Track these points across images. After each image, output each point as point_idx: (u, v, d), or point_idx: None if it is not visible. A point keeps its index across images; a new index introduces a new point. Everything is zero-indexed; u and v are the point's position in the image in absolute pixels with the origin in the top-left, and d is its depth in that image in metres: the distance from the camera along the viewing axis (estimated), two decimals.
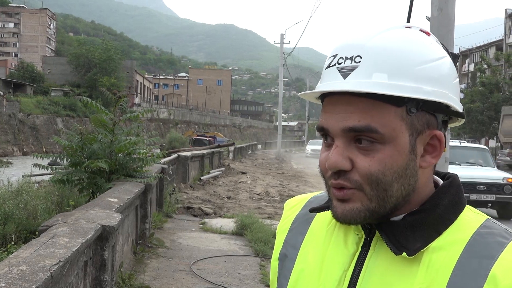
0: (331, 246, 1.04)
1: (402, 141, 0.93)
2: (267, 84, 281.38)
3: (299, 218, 1.15)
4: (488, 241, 0.91)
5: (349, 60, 0.94)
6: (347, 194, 0.94)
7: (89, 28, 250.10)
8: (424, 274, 0.91)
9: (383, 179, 0.92)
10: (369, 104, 0.92)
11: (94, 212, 4.83)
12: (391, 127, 0.92)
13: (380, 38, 0.94)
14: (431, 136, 0.97)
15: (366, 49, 0.93)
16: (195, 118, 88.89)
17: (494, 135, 45.20)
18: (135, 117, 8.23)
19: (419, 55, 0.94)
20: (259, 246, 8.61)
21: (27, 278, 2.67)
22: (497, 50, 57.96)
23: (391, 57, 0.93)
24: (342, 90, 0.92)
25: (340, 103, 0.95)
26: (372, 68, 0.92)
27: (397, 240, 0.94)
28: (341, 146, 0.94)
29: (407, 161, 0.94)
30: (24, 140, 49.06)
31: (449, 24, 4.86)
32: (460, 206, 0.98)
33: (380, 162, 0.92)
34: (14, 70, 74.76)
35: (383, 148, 0.93)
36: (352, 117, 0.92)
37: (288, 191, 18.31)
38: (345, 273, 0.99)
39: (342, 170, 0.94)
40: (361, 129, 0.92)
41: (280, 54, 43.82)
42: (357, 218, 0.94)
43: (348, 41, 0.97)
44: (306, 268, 1.06)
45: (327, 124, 0.96)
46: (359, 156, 0.93)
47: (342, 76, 0.94)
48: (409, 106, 0.93)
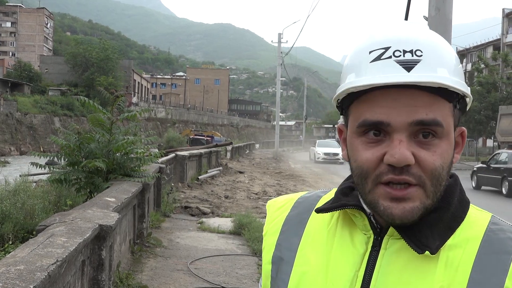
0: (336, 246, 1.03)
1: (452, 135, 0.97)
2: (265, 83, 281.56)
3: (291, 220, 1.13)
4: (500, 237, 0.95)
5: (409, 54, 0.93)
6: (409, 192, 0.92)
7: (86, 27, 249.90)
8: (443, 271, 0.93)
9: (442, 173, 0.94)
10: (432, 98, 0.93)
11: (92, 212, 4.83)
12: (448, 121, 0.95)
13: (430, 35, 0.97)
14: (459, 132, 1.01)
15: (423, 44, 0.94)
16: (193, 117, 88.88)
17: (491, 135, 45.27)
18: (133, 117, 8.22)
19: (455, 56, 0.99)
20: (256, 246, 8.61)
21: (24, 278, 2.67)
22: (495, 49, 58.05)
23: (446, 54, 0.95)
24: (416, 81, 0.90)
25: (402, 96, 0.93)
26: (435, 63, 0.93)
27: (418, 239, 0.94)
28: (405, 140, 0.92)
29: (452, 156, 0.97)
30: (21, 139, 48.98)
31: (447, 23, 4.86)
32: (466, 204, 1.01)
33: (441, 157, 0.94)
34: (11, 70, 74.59)
35: (441, 142, 0.94)
36: (419, 110, 0.92)
37: (285, 190, 18.31)
38: (356, 274, 0.98)
39: (406, 165, 0.92)
40: (429, 123, 0.92)
41: (277, 54, 43.81)
42: (415, 216, 0.93)
43: (403, 35, 0.95)
44: (309, 270, 1.04)
45: (388, 118, 0.93)
46: (421, 150, 0.93)
47: (405, 69, 0.92)
48: (455, 102, 0.96)
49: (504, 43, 61.42)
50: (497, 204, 16.61)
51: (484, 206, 6.68)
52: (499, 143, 38.75)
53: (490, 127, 44.83)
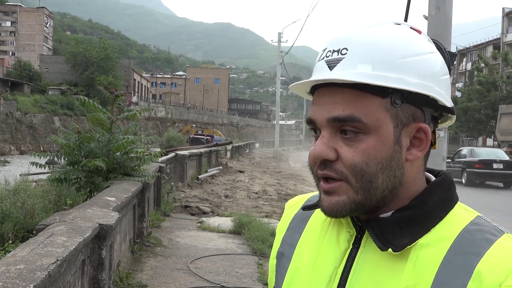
0: (325, 243, 1.05)
1: (386, 131, 0.94)
2: (265, 82, 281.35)
3: (297, 217, 1.16)
4: (475, 237, 0.91)
5: (336, 53, 0.96)
6: (334, 186, 0.95)
7: (86, 26, 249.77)
8: (412, 270, 0.91)
9: (367, 170, 0.93)
10: (353, 95, 0.93)
11: (92, 211, 4.83)
12: (375, 117, 0.93)
13: (367, 32, 0.96)
14: (416, 128, 0.97)
15: (352, 42, 0.95)
16: (193, 116, 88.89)
17: (491, 134, 45.27)
18: (133, 116, 8.22)
19: (403, 48, 0.95)
20: (256, 245, 8.62)
21: (24, 277, 2.67)
22: (495, 48, 58.03)
23: (375, 49, 0.94)
24: (324, 79, 0.94)
25: (326, 94, 0.96)
26: (356, 60, 0.94)
27: (384, 236, 0.94)
28: (326, 136, 0.95)
29: (392, 153, 0.94)
30: (21, 139, 48.98)
31: (447, 22, 4.87)
32: (450, 203, 0.98)
33: (363, 153, 0.93)
34: (11, 69, 74.60)
35: (366, 138, 0.93)
36: (337, 107, 0.94)
37: (285, 189, 18.31)
38: (336, 270, 0.99)
39: (328, 160, 0.95)
40: (345, 119, 0.93)
41: (277, 53, 43.83)
42: (343, 210, 0.95)
43: (337, 36, 0.99)
44: (300, 266, 1.06)
45: (314, 115, 0.97)
46: (343, 147, 0.94)
47: (328, 68, 0.96)
48: (393, 97, 0.94)
49: (504, 42, 61.41)
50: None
51: None
52: (499, 142, 38.77)
53: (490, 126, 44.83)
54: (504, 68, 50.10)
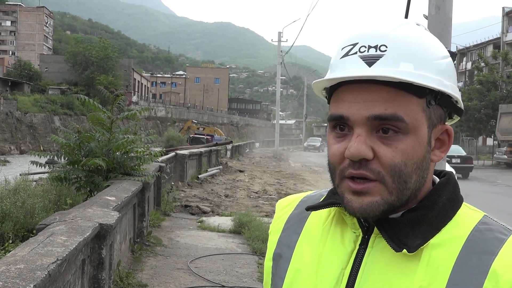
0: (328, 244, 1.03)
1: (422, 132, 0.94)
2: (265, 82, 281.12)
3: (293, 218, 1.14)
4: (487, 237, 0.91)
5: (373, 49, 0.93)
6: (368, 187, 0.93)
7: (86, 26, 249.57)
8: (424, 271, 0.91)
9: (405, 170, 0.92)
10: (394, 93, 0.92)
11: (92, 211, 4.83)
12: (414, 117, 0.93)
13: (402, 30, 0.95)
14: (443, 130, 0.99)
15: (390, 39, 0.93)
16: (193, 116, 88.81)
17: (491, 133, 45.25)
18: (133, 116, 8.22)
19: (436, 50, 0.96)
20: (256, 244, 8.62)
21: (24, 277, 2.67)
22: (495, 48, 58.03)
23: (415, 48, 0.94)
24: (369, 75, 0.91)
25: (362, 91, 0.93)
26: (398, 58, 0.92)
27: (397, 237, 0.94)
28: (363, 134, 0.92)
29: (425, 153, 0.95)
30: (21, 138, 48.97)
31: (447, 22, 4.86)
32: (457, 203, 0.98)
33: (403, 153, 0.92)
34: (11, 69, 74.59)
35: (405, 138, 0.92)
36: (377, 105, 0.91)
37: (285, 189, 18.31)
38: (343, 271, 0.98)
39: (364, 159, 0.92)
40: (387, 117, 0.91)
41: (277, 53, 43.79)
42: (376, 211, 0.93)
43: (370, 31, 0.96)
44: (302, 267, 1.05)
45: (348, 112, 0.94)
46: (381, 146, 0.92)
47: (366, 64, 0.93)
48: (429, 98, 0.94)
49: (504, 41, 61.39)
50: None
51: None
52: (499, 141, 38.78)
53: (490, 125, 44.81)
54: (504, 67, 50.07)
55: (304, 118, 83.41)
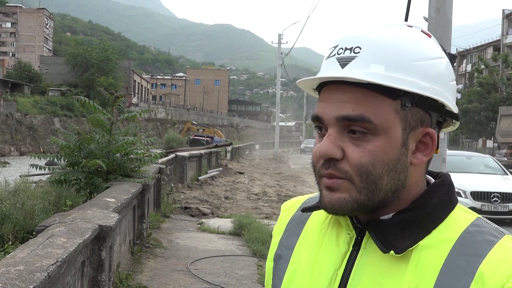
0: (324, 246, 1.04)
1: (394, 134, 0.93)
2: (265, 84, 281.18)
3: (295, 219, 1.15)
4: (477, 239, 0.91)
5: (348, 51, 0.95)
6: (336, 183, 0.94)
7: (86, 28, 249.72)
8: (413, 272, 0.91)
9: (373, 171, 0.92)
10: (364, 94, 0.92)
11: (92, 212, 4.83)
12: (385, 118, 0.92)
13: (381, 32, 0.95)
14: (424, 133, 0.97)
15: (366, 41, 0.94)
16: (193, 118, 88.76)
17: (491, 136, 45.28)
18: (133, 117, 8.22)
19: (416, 52, 0.95)
20: (256, 246, 8.61)
21: (24, 278, 2.66)
22: (495, 50, 58.05)
23: (389, 50, 0.93)
24: (337, 77, 0.93)
25: (336, 92, 0.95)
26: (370, 59, 0.93)
27: (386, 238, 0.94)
28: (333, 134, 0.94)
29: (398, 155, 0.94)
30: (21, 140, 48.98)
31: (447, 24, 4.87)
32: (450, 205, 0.98)
33: (371, 154, 0.92)
34: (11, 70, 74.62)
35: (375, 139, 0.92)
36: (347, 106, 0.93)
37: (285, 191, 18.31)
38: (336, 272, 0.99)
39: (333, 159, 0.94)
40: (355, 118, 0.92)
41: (277, 54, 43.81)
42: (345, 208, 0.94)
43: (349, 33, 0.97)
44: (299, 268, 1.06)
45: (322, 112, 0.96)
46: (350, 146, 0.93)
47: (340, 66, 0.95)
48: (404, 100, 0.93)
49: (504, 44, 61.42)
50: None
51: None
52: (499, 144, 38.77)
53: (490, 128, 44.86)
54: (504, 69, 50.14)
55: (304, 120, 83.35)
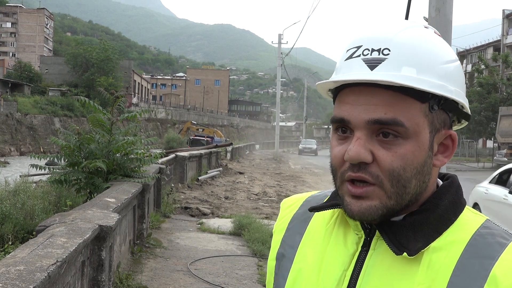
0: (331, 245, 1.04)
1: (423, 137, 0.94)
2: (265, 84, 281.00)
3: (297, 218, 1.15)
4: (488, 241, 0.91)
5: (376, 52, 0.93)
6: (367, 191, 0.93)
7: (86, 28, 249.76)
8: (425, 274, 0.91)
9: (404, 175, 0.92)
10: (395, 97, 0.92)
11: (92, 212, 4.83)
12: (415, 122, 0.92)
13: (407, 34, 0.95)
14: (446, 135, 0.98)
15: (394, 43, 0.93)
16: (193, 118, 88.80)
17: (491, 136, 45.26)
18: (133, 117, 8.22)
19: (442, 54, 0.96)
20: (256, 246, 8.61)
21: (24, 278, 2.66)
22: (495, 50, 58.02)
23: (419, 52, 0.93)
24: (370, 80, 0.91)
25: (364, 94, 0.93)
26: (401, 62, 0.92)
27: (398, 240, 0.94)
28: (363, 138, 0.93)
29: (426, 158, 0.94)
30: (21, 140, 48.99)
31: (447, 24, 4.86)
32: (460, 207, 0.98)
33: (402, 158, 0.92)
34: (11, 70, 74.69)
35: (405, 143, 0.92)
36: (378, 109, 0.91)
37: (285, 191, 18.31)
38: (344, 273, 0.98)
39: (363, 163, 0.92)
40: (387, 122, 0.91)
41: (278, 54, 43.83)
42: (375, 215, 0.93)
43: (374, 34, 0.96)
44: (304, 267, 1.05)
45: (349, 115, 0.94)
46: (381, 150, 0.92)
47: (369, 68, 0.93)
48: (431, 103, 0.94)
49: (504, 44, 61.39)
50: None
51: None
52: (499, 144, 38.78)
53: (490, 128, 44.82)
54: (504, 70, 50.11)
55: (304, 120, 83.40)
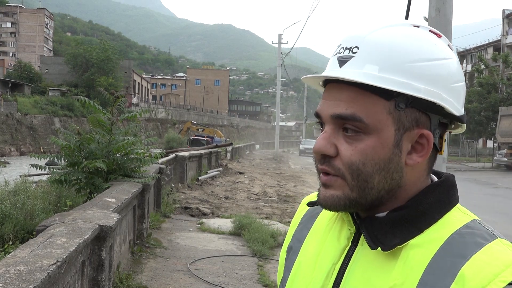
0: (327, 240, 1.06)
1: (386, 134, 0.94)
2: (265, 84, 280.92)
3: (308, 213, 1.19)
4: (466, 240, 0.90)
5: (347, 50, 0.97)
6: (330, 180, 0.97)
7: (86, 28, 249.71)
8: (401, 270, 0.92)
9: (363, 169, 0.94)
10: (358, 94, 0.94)
11: (92, 212, 4.83)
12: (377, 118, 0.93)
13: (381, 33, 0.96)
14: (419, 134, 0.96)
15: (364, 41, 0.95)
16: (193, 118, 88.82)
17: (491, 136, 45.27)
18: (133, 117, 8.22)
19: (415, 52, 0.94)
20: (256, 246, 8.61)
21: (24, 278, 2.67)
22: (495, 50, 58.02)
23: (385, 51, 0.94)
24: (331, 76, 0.95)
25: (334, 90, 0.97)
26: (365, 60, 0.94)
27: (375, 235, 0.96)
28: (328, 132, 0.97)
29: (390, 155, 0.95)
30: (21, 140, 48.98)
31: (447, 24, 4.86)
32: (447, 206, 0.97)
33: (361, 152, 0.94)
34: (11, 70, 74.67)
35: (366, 138, 0.94)
36: (341, 104, 0.95)
37: (285, 191, 18.31)
38: (334, 266, 1.01)
39: (328, 156, 0.96)
40: (347, 117, 0.94)
41: (278, 54, 43.83)
42: (337, 205, 0.97)
43: (352, 33, 0.99)
44: (304, 260, 1.09)
45: (320, 109, 0.99)
46: (344, 144, 0.95)
47: (338, 65, 0.97)
48: (398, 101, 0.94)
49: (504, 44, 61.39)
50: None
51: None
52: (499, 144, 38.78)
53: (490, 128, 44.83)
54: (504, 70, 50.11)
55: (305, 120, 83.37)
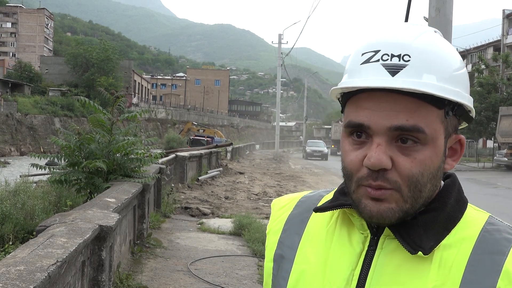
0: (334, 245, 1.04)
1: (440, 143, 0.96)
2: (265, 84, 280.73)
3: (293, 218, 1.15)
4: (496, 237, 0.94)
5: (396, 58, 0.93)
6: (384, 194, 0.94)
7: (86, 28, 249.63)
8: (437, 271, 0.93)
9: (421, 180, 0.94)
10: (416, 104, 0.93)
11: (92, 212, 4.83)
12: (433, 128, 0.94)
13: (424, 39, 0.95)
14: (456, 140, 1.00)
15: (413, 49, 0.94)
16: (193, 118, 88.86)
17: (491, 136, 45.25)
18: (133, 117, 8.22)
19: (456, 61, 0.97)
20: (256, 246, 8.61)
21: (24, 278, 2.66)
22: (495, 50, 57.99)
23: (437, 59, 0.94)
24: (392, 87, 0.91)
25: (385, 100, 0.93)
26: (422, 69, 0.93)
27: (412, 239, 0.95)
28: (383, 144, 0.93)
29: (440, 163, 0.97)
30: (21, 140, 48.98)
31: (447, 24, 4.86)
32: (464, 204, 1.01)
33: (421, 164, 0.93)
34: (11, 70, 74.69)
35: (423, 149, 0.94)
36: (399, 115, 0.92)
37: (285, 191, 18.31)
38: (352, 272, 0.99)
39: (382, 169, 0.93)
40: (409, 129, 0.92)
41: (278, 54, 43.83)
42: (392, 217, 0.95)
43: (392, 39, 0.96)
44: (307, 268, 1.05)
45: (369, 121, 0.94)
46: (400, 156, 0.93)
47: (390, 74, 0.93)
48: (447, 109, 0.95)
49: (504, 44, 61.37)
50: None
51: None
52: (499, 144, 38.77)
53: (490, 128, 44.81)
54: (505, 70, 50.10)
55: (305, 120, 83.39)
